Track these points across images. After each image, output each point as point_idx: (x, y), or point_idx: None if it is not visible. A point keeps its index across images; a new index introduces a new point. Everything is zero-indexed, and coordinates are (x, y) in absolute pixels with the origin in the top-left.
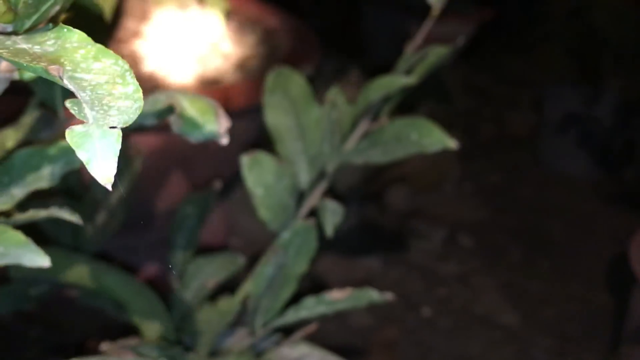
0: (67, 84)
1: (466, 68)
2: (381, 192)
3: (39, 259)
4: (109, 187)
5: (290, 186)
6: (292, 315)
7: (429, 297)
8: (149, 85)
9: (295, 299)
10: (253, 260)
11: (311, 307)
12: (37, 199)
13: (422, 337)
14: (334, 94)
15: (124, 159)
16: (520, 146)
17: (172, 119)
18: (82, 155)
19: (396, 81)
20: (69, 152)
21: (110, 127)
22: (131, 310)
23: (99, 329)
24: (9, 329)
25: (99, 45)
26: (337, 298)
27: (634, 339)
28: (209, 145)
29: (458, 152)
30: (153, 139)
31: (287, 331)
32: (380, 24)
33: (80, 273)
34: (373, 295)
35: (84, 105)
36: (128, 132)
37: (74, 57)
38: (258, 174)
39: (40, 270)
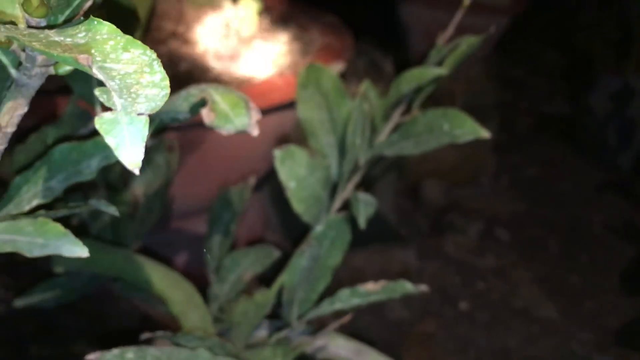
0: (97, 73)
1: (501, 60)
2: (417, 186)
3: (78, 250)
4: (137, 172)
5: (323, 179)
6: (326, 307)
7: (467, 291)
8: (186, 83)
9: (331, 292)
10: (288, 254)
11: (346, 299)
12: (80, 193)
13: (459, 331)
14: (366, 87)
15: (161, 154)
16: (557, 138)
17: (204, 112)
18: (110, 141)
19: (428, 72)
20: (106, 146)
21: (138, 114)
22: (170, 303)
23: (141, 321)
24: (57, 322)
25: (128, 37)
26: (372, 290)
27: None
28: (245, 141)
29: (494, 145)
30: (189, 135)
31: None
32: (414, 18)
33: (121, 267)
34: (407, 286)
35: (113, 93)
36: (165, 127)
37: (104, 48)
38: (291, 167)
39: (82, 265)
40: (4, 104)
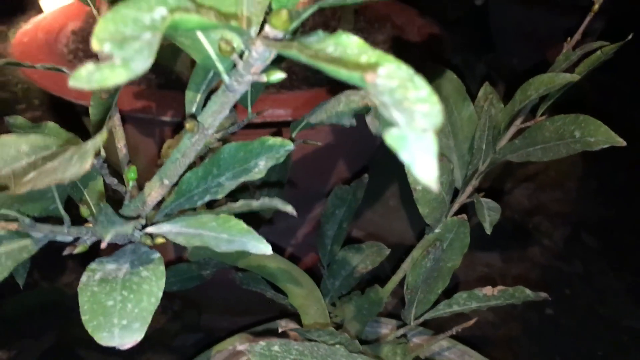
0: (370, 88)
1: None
2: (503, 189)
3: (262, 246)
4: (435, 188)
5: (447, 183)
6: (443, 309)
7: (552, 296)
8: (301, 82)
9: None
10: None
11: (463, 302)
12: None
13: (544, 336)
14: (487, 90)
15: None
16: None
17: (368, 120)
18: (404, 156)
19: (558, 78)
20: (271, 147)
21: (422, 130)
22: (292, 296)
23: (227, 308)
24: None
25: (378, 51)
26: (490, 294)
27: None
28: (343, 140)
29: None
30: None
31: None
32: (507, 20)
33: (249, 258)
34: (527, 292)
35: (391, 108)
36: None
37: (358, 62)
38: None
39: (214, 255)
40: (209, 107)
